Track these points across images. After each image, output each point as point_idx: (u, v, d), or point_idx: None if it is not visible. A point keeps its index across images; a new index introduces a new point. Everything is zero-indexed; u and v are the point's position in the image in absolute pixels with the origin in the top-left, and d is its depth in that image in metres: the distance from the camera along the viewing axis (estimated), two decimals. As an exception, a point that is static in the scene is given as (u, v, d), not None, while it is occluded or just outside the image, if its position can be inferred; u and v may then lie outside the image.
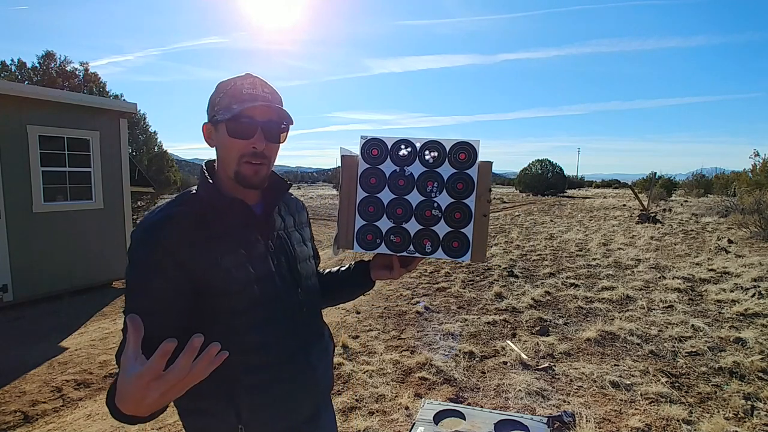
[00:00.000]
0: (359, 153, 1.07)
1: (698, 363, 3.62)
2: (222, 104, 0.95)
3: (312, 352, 1.07)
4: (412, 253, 1.07)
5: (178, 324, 0.87)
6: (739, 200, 13.83)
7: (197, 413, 0.96)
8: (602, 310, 5.04)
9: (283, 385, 0.99)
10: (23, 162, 5.32)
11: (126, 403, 0.69)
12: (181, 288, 0.88)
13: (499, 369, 3.58)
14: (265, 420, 0.97)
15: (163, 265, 0.87)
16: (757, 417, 2.81)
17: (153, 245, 0.88)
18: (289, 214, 1.13)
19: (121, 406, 0.70)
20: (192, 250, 0.89)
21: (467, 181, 1.04)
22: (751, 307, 4.85)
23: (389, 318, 4.86)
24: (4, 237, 5.16)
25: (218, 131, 0.97)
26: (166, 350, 0.64)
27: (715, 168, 29.77)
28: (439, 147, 1.05)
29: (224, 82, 0.97)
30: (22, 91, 5.54)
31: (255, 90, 0.95)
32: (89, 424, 2.86)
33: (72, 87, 14.53)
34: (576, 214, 17.11)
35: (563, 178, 39.38)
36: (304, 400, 1.04)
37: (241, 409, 0.94)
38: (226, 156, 0.97)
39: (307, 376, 1.04)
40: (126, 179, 6.57)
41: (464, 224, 1.05)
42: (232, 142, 0.94)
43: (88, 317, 5.02)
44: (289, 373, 1.00)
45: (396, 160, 1.06)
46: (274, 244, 1.04)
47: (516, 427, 1.76)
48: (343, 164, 1.09)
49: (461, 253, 1.05)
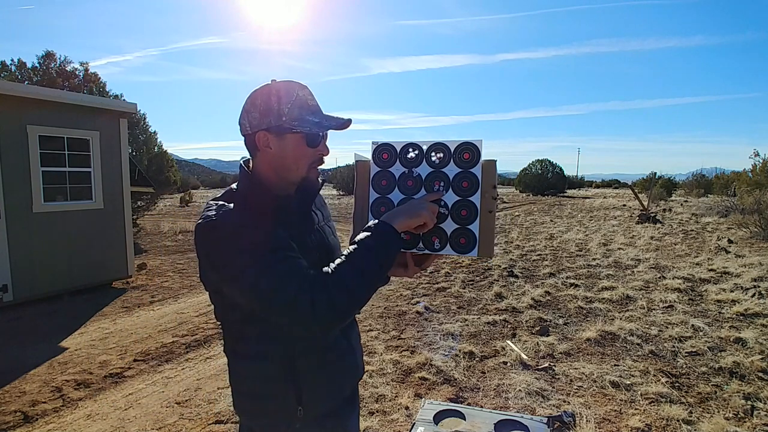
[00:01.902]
0: (371, 157, 1.15)
1: (698, 363, 3.62)
2: (292, 115, 1.00)
3: (351, 337, 1.17)
4: (421, 250, 1.12)
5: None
6: (739, 200, 13.83)
7: (260, 398, 1.05)
8: (602, 310, 5.04)
9: (333, 366, 1.08)
10: (23, 162, 5.32)
11: (410, 220, 1.00)
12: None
13: (499, 369, 3.58)
14: (319, 400, 1.06)
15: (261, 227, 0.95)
16: (757, 417, 2.81)
17: (241, 219, 0.94)
18: (318, 209, 1.20)
19: (398, 225, 0.98)
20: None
21: (472, 180, 1.09)
22: (751, 307, 4.85)
23: (389, 318, 4.86)
24: (4, 237, 5.16)
25: (285, 140, 1.02)
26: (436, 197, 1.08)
27: (715, 168, 29.76)
28: (444, 148, 1.11)
29: (282, 91, 1.01)
30: (22, 91, 5.55)
31: (315, 101, 1.05)
32: (89, 424, 2.86)
33: (72, 87, 14.52)
34: (576, 214, 17.11)
35: (563, 178, 39.38)
36: (346, 382, 1.14)
37: (302, 391, 1.03)
38: (294, 163, 1.04)
39: (349, 359, 1.13)
40: (126, 179, 6.57)
41: (470, 221, 1.09)
42: (307, 150, 1.04)
43: (88, 317, 5.02)
44: (335, 356, 1.09)
45: (404, 162, 1.13)
46: (315, 237, 1.11)
47: (516, 427, 1.76)
48: (357, 168, 1.16)
49: (469, 248, 1.09)
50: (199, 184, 52.85)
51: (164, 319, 4.93)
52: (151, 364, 3.79)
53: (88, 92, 14.31)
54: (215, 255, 0.94)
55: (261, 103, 1.01)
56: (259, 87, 1.04)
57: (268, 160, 1.04)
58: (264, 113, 1.00)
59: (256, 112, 1.01)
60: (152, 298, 5.84)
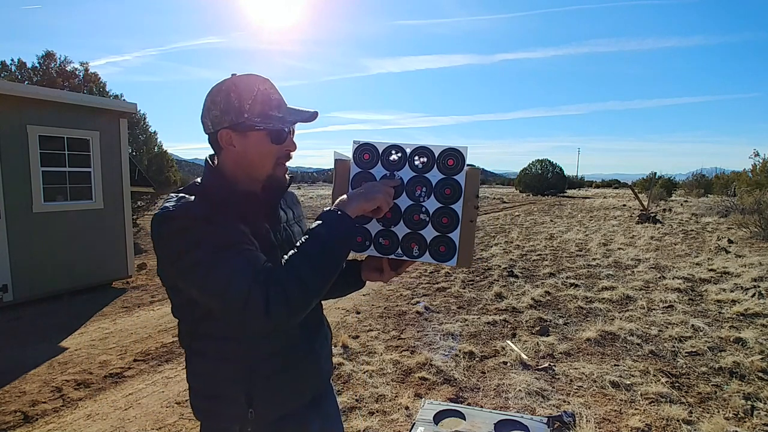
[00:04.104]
0: (351, 157, 1.11)
1: (698, 363, 3.62)
2: (254, 111, 0.97)
3: (316, 339, 1.13)
4: (399, 256, 1.10)
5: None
6: (739, 200, 13.83)
7: (211, 398, 1.02)
8: (602, 310, 5.04)
9: (291, 371, 1.04)
10: (23, 162, 5.32)
11: (365, 203, 0.98)
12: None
13: (499, 369, 3.58)
14: (272, 404, 1.02)
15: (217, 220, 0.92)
16: (757, 417, 2.81)
17: (199, 211, 0.90)
18: (288, 208, 1.17)
19: (351, 210, 0.95)
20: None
21: (455, 187, 1.06)
22: (751, 307, 4.85)
23: (389, 318, 4.86)
24: (4, 237, 5.16)
25: (248, 137, 0.98)
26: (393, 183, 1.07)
27: (715, 168, 29.76)
28: (428, 153, 1.07)
29: (241, 86, 0.97)
30: (22, 91, 5.54)
31: (278, 94, 1.01)
32: (89, 424, 2.86)
33: (72, 87, 14.52)
34: (576, 214, 17.11)
35: (563, 178, 39.39)
36: (308, 386, 1.10)
37: (253, 394, 0.99)
38: (260, 160, 1.01)
39: (311, 363, 1.10)
40: (126, 179, 6.57)
41: (451, 229, 1.07)
42: (272, 147, 1.00)
43: (88, 317, 5.02)
44: (295, 359, 1.06)
45: (386, 164, 1.09)
46: (281, 236, 1.07)
47: (516, 427, 1.76)
48: (336, 168, 1.13)
49: (448, 257, 1.07)
50: (199, 184, 52.77)
51: (164, 319, 4.93)
52: (151, 364, 3.79)
53: (88, 92, 14.30)
54: (170, 247, 0.90)
55: (221, 100, 0.97)
56: (219, 82, 1.00)
57: (232, 158, 1.01)
58: (225, 110, 0.97)
59: (216, 110, 0.98)
60: (152, 298, 5.84)
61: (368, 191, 1.00)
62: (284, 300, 0.84)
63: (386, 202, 1.02)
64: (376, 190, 1.01)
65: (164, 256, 0.93)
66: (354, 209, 0.96)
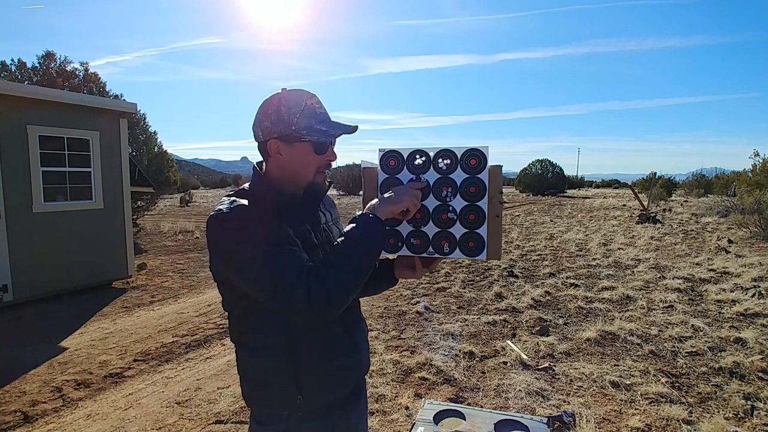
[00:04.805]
0: (378, 164, 1.17)
1: (698, 363, 3.62)
2: (301, 124, 1.07)
3: (356, 333, 1.20)
4: (431, 254, 1.16)
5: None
6: (739, 200, 13.82)
7: (261, 386, 1.11)
8: (602, 310, 5.04)
9: (336, 361, 1.13)
10: (23, 162, 5.32)
11: (393, 206, 1.06)
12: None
13: (499, 369, 3.58)
14: (319, 392, 1.11)
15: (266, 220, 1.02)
16: (757, 417, 2.81)
17: (250, 214, 1.01)
18: (327, 210, 1.26)
19: (381, 213, 1.04)
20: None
21: (479, 185, 1.11)
22: (751, 307, 4.85)
23: (389, 318, 4.86)
24: (4, 237, 5.16)
25: (294, 147, 1.09)
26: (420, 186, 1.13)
27: (715, 168, 29.72)
28: (451, 155, 1.13)
29: (290, 100, 1.08)
30: (22, 91, 5.55)
31: (322, 108, 1.11)
32: (89, 424, 2.86)
33: (72, 87, 14.51)
34: (576, 214, 17.11)
35: (563, 178, 39.36)
36: (350, 377, 1.18)
37: (302, 382, 1.08)
38: (302, 169, 1.11)
39: (353, 354, 1.18)
40: (126, 179, 6.57)
41: (479, 225, 1.12)
42: (315, 157, 1.10)
43: (88, 317, 5.02)
44: (339, 350, 1.14)
45: (412, 168, 1.16)
46: (321, 236, 1.16)
47: (516, 427, 1.76)
48: (365, 176, 1.19)
49: (477, 252, 1.12)
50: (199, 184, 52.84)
51: (164, 319, 4.93)
52: (151, 364, 3.79)
53: (88, 92, 14.30)
54: (225, 245, 1.00)
55: (272, 113, 1.08)
56: (270, 96, 1.10)
57: (278, 165, 1.11)
58: (275, 122, 1.07)
59: (267, 122, 1.08)
60: (152, 298, 5.84)
61: (396, 195, 1.09)
62: (324, 295, 0.93)
63: (413, 204, 1.10)
64: (402, 193, 1.09)
65: (218, 254, 1.03)
66: (384, 212, 1.05)
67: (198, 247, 9.74)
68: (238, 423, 2.84)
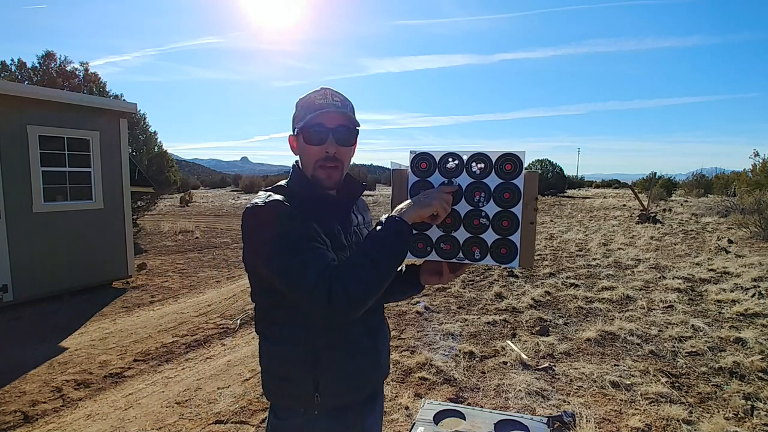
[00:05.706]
0: (409, 167, 1.15)
1: (698, 363, 3.62)
2: (299, 116, 1.11)
3: (377, 337, 1.21)
4: (461, 260, 1.13)
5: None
6: (739, 200, 13.82)
7: (281, 380, 1.12)
8: (602, 310, 5.04)
9: (355, 362, 1.13)
10: (23, 162, 5.32)
11: (421, 210, 1.04)
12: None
13: (499, 369, 3.58)
14: (336, 392, 1.11)
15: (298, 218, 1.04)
16: (757, 417, 2.81)
17: (283, 209, 1.02)
18: (359, 213, 1.26)
19: (409, 216, 1.02)
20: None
21: (514, 191, 1.09)
22: (751, 307, 4.85)
23: (389, 318, 4.86)
24: (4, 237, 5.16)
25: (297, 140, 1.14)
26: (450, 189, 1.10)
27: (715, 168, 29.70)
28: (485, 159, 1.10)
29: (302, 98, 1.13)
30: (22, 91, 5.54)
31: (325, 100, 1.10)
32: (89, 424, 2.86)
33: (72, 87, 14.50)
34: (576, 214, 17.10)
35: (563, 178, 39.35)
36: (368, 380, 1.18)
37: (319, 380, 1.08)
38: (305, 162, 1.13)
39: (372, 357, 1.18)
40: (126, 179, 6.57)
41: (512, 232, 1.09)
42: (308, 148, 1.11)
43: (88, 317, 5.02)
44: (359, 352, 1.14)
45: (444, 172, 1.13)
46: (351, 238, 1.16)
47: (516, 427, 1.76)
48: (394, 178, 1.17)
49: (509, 259, 1.10)
50: (199, 184, 52.82)
51: (164, 319, 4.93)
52: (151, 364, 3.79)
53: (88, 92, 14.30)
54: (255, 237, 1.03)
55: (295, 112, 1.15)
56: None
57: (299, 161, 1.17)
58: (292, 120, 1.15)
59: (292, 119, 1.15)
60: (152, 298, 5.84)
61: (425, 198, 1.07)
62: (344, 295, 0.93)
63: (443, 209, 1.07)
64: (431, 197, 1.07)
65: (250, 244, 1.06)
66: (411, 216, 1.04)
67: (198, 247, 9.74)
68: (238, 423, 2.84)
